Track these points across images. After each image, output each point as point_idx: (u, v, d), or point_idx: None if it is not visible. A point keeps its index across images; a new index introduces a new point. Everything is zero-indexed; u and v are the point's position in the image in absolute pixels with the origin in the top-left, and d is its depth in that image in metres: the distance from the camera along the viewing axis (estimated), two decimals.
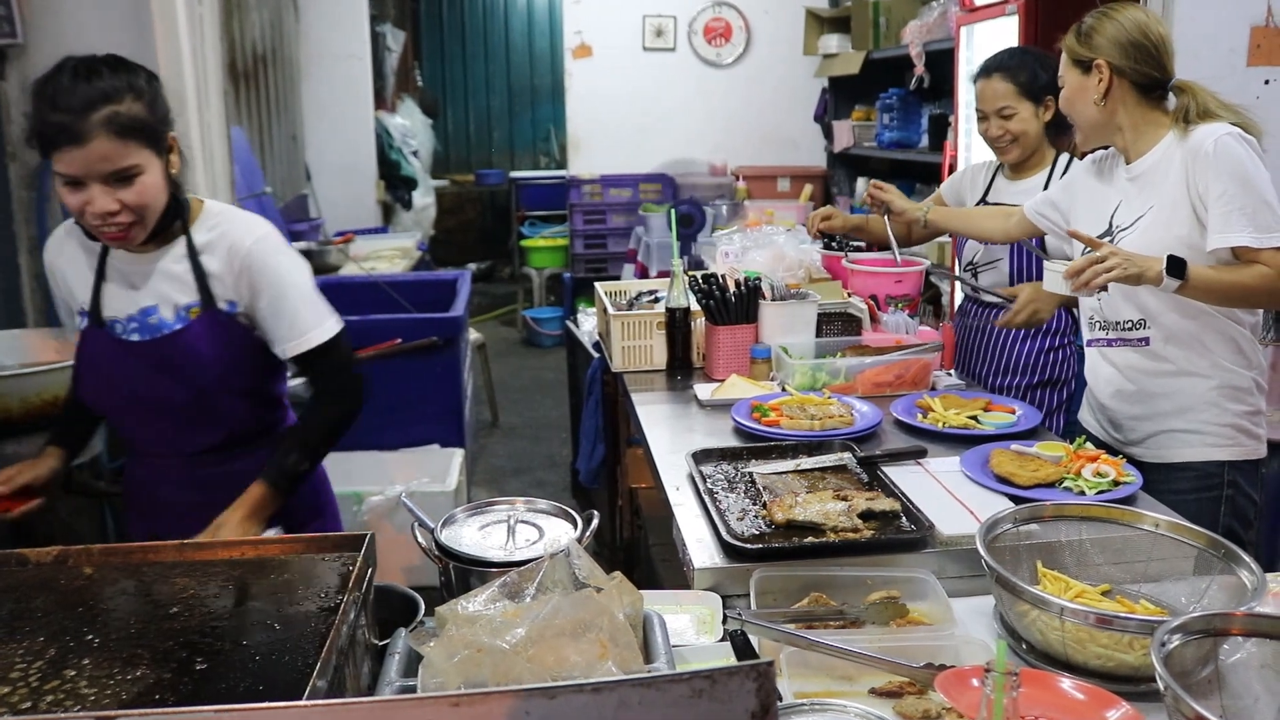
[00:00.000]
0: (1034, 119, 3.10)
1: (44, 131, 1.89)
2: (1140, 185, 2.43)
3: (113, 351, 2.13)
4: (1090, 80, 2.41)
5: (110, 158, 1.88)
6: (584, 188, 8.12)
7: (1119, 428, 2.54)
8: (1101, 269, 2.16)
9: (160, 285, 2.12)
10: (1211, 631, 1.35)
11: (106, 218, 1.92)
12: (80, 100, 1.86)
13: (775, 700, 0.87)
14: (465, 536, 1.67)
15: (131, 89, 1.92)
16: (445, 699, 0.82)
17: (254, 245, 2.12)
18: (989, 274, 3.25)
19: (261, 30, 5.77)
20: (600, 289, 3.52)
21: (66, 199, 1.93)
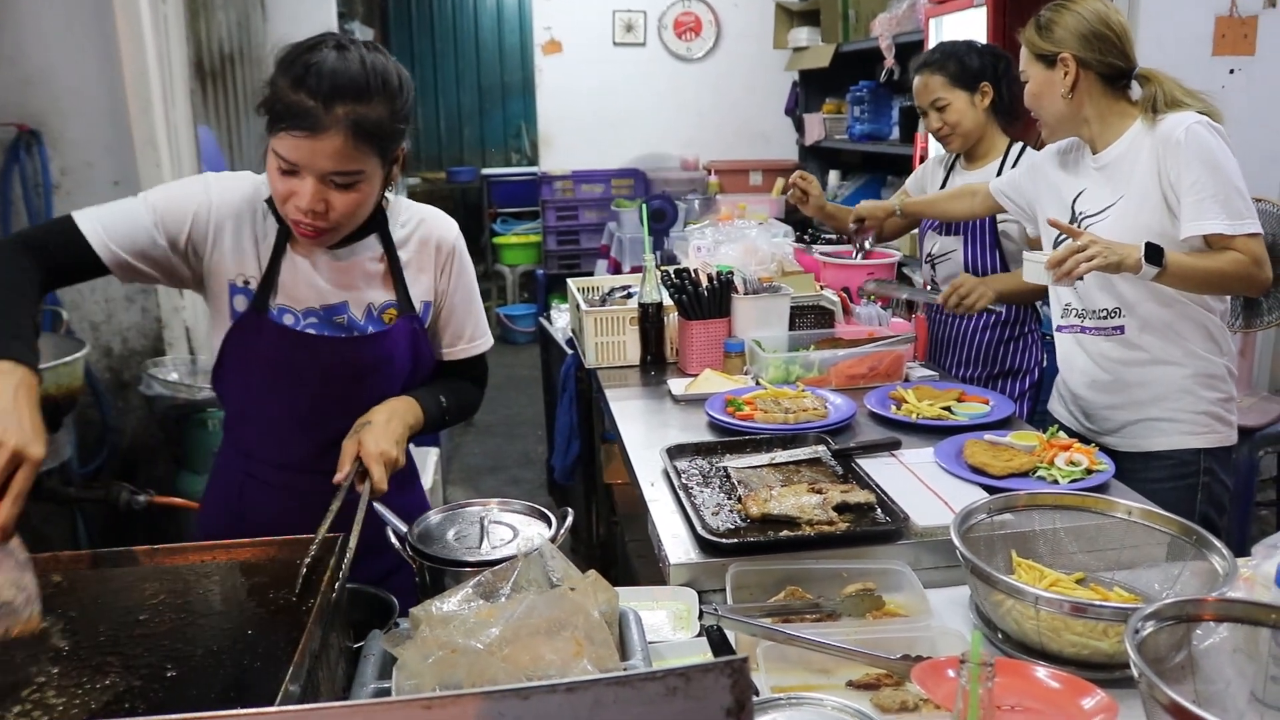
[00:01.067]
0: (970, 107, 3.13)
1: (279, 107, 1.70)
2: (1108, 175, 2.44)
3: (284, 341, 1.90)
4: (1055, 74, 2.41)
5: (339, 158, 1.71)
6: (556, 184, 8.10)
7: (1092, 418, 2.55)
8: (1083, 258, 2.17)
9: (352, 282, 1.94)
10: (1184, 618, 1.35)
11: (310, 214, 1.75)
12: (330, 88, 1.68)
13: (750, 696, 0.86)
14: (439, 537, 1.66)
15: (385, 90, 1.75)
16: (418, 701, 0.81)
17: (456, 240, 2.06)
18: (945, 265, 3.26)
19: (228, 29, 5.71)
20: (573, 285, 3.51)
21: (274, 179, 1.76)
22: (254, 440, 2.00)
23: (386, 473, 1.76)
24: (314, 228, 1.77)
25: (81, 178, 3.76)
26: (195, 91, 4.44)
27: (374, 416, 1.86)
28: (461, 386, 2.13)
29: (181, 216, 1.84)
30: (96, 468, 3.79)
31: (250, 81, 6.22)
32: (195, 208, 1.85)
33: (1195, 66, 4.01)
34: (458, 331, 2.09)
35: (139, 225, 1.81)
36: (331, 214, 1.76)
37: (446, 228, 2.05)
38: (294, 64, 1.70)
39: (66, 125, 3.76)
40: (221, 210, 1.87)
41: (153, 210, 1.82)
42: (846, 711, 1.27)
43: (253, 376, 1.93)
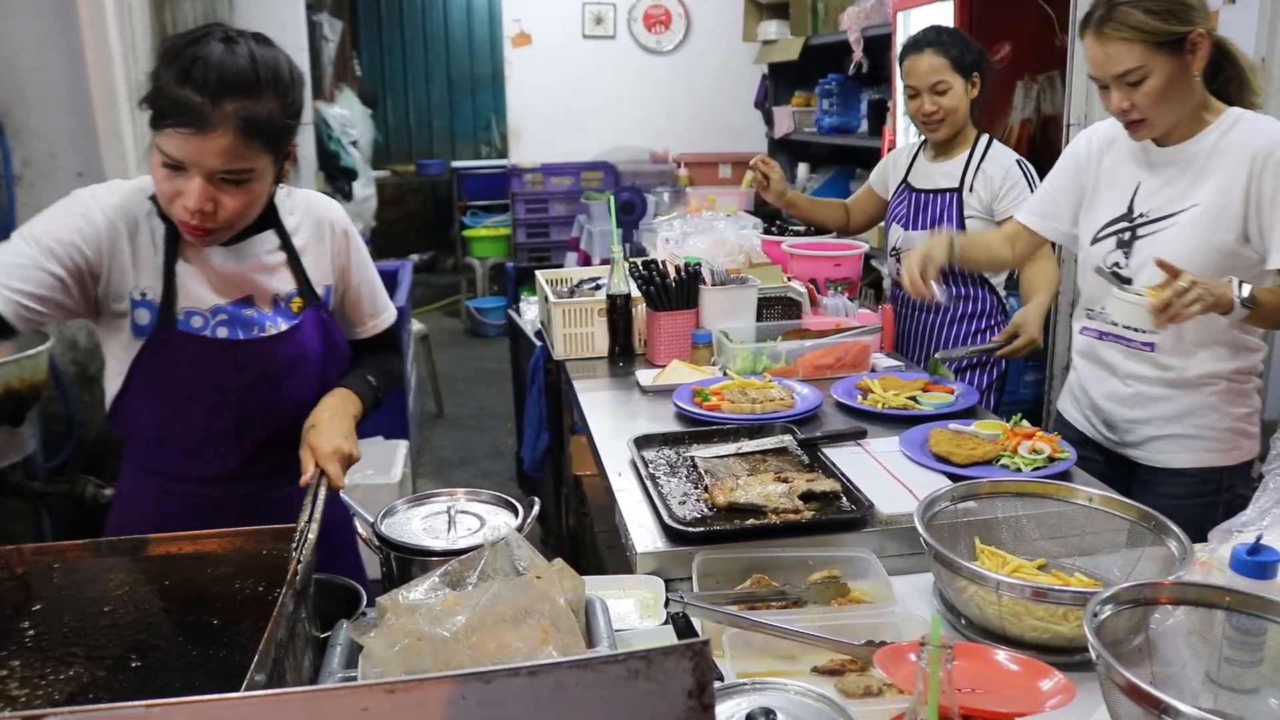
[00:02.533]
0: (964, 95, 3.11)
1: (163, 102, 1.63)
2: (1178, 173, 2.22)
3: (200, 352, 1.84)
4: (1183, 59, 2.10)
5: (228, 156, 1.65)
6: (525, 176, 8.09)
7: (1114, 428, 2.41)
8: (1188, 300, 1.95)
9: (253, 276, 1.89)
10: (1141, 601, 1.38)
11: (198, 215, 1.68)
12: (217, 82, 1.61)
13: (712, 679, 0.87)
14: (406, 527, 1.67)
15: (276, 84, 1.69)
16: (381, 686, 0.82)
17: (346, 221, 2.03)
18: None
19: (195, 19, 5.66)
20: (541, 277, 3.50)
21: (159, 178, 1.68)
22: (171, 462, 1.93)
23: (343, 468, 1.77)
24: (202, 228, 1.72)
25: (45, 169, 3.72)
26: None
27: (318, 418, 1.85)
28: (382, 359, 2.14)
29: (74, 244, 1.74)
30: (62, 461, 3.76)
31: None
32: (84, 232, 1.76)
33: None
34: (366, 310, 2.10)
35: (31, 266, 1.70)
36: (220, 213, 1.71)
37: (333, 209, 2.03)
38: (179, 57, 1.64)
39: (29, 116, 3.72)
40: (110, 224, 1.78)
41: (37, 243, 1.72)
42: (810, 696, 1.28)
43: (168, 395, 1.86)
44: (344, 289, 2.04)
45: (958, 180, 3.19)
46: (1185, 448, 2.31)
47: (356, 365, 2.06)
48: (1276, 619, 1.34)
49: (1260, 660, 1.36)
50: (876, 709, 1.38)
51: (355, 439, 1.86)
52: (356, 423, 1.92)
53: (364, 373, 2.02)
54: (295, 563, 1.40)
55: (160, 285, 1.82)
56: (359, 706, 0.82)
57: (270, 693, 0.82)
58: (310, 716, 0.82)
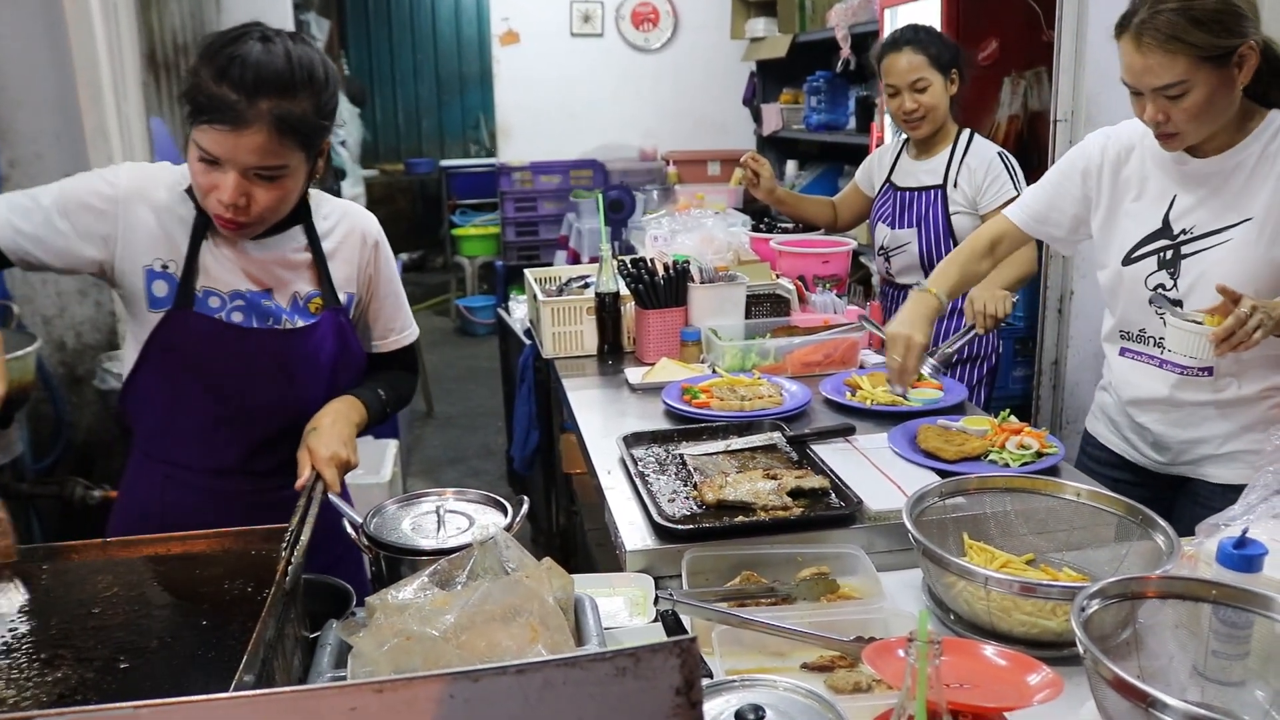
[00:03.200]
0: (944, 92, 3.14)
1: (201, 99, 1.67)
2: (1221, 186, 2.09)
3: (213, 334, 1.87)
4: (1229, 72, 1.95)
5: (262, 152, 1.70)
6: (514, 175, 8.08)
7: (1165, 450, 2.28)
8: (1250, 329, 1.85)
9: (275, 270, 1.93)
10: (1128, 595, 1.38)
11: (231, 208, 1.74)
12: (254, 81, 1.66)
13: (700, 676, 0.88)
14: (395, 527, 1.67)
15: (310, 84, 1.73)
16: (369, 686, 0.82)
17: (379, 234, 2.06)
18: (900, 257, 3.29)
19: (182, 20, 5.65)
20: (530, 275, 3.51)
21: (195, 171, 1.74)
22: (178, 448, 1.96)
23: (340, 474, 1.80)
24: (235, 221, 1.76)
25: (32, 169, 3.71)
26: (148, 83, 4.40)
27: (320, 422, 1.88)
28: (396, 377, 2.15)
29: (87, 203, 1.81)
30: (52, 463, 3.75)
31: None
32: (104, 194, 1.82)
33: None
34: (387, 325, 2.12)
35: (38, 207, 1.79)
36: (254, 208, 1.76)
37: (369, 221, 2.07)
38: (217, 55, 1.68)
39: (15, 116, 3.71)
40: (131, 194, 1.84)
41: (60, 196, 1.80)
42: (799, 692, 1.29)
43: (179, 376, 1.89)
44: (368, 301, 2.07)
45: (941, 177, 3.21)
46: (1246, 463, 2.14)
47: (370, 377, 2.09)
48: (1262, 612, 1.35)
49: (1247, 653, 1.37)
50: (866, 705, 1.38)
51: (355, 446, 1.88)
52: (359, 431, 1.94)
53: (375, 385, 2.06)
54: (285, 562, 1.40)
55: (182, 261, 1.86)
56: (348, 706, 0.82)
57: (259, 693, 0.83)
58: (299, 716, 0.82)
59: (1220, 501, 2.03)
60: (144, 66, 4.25)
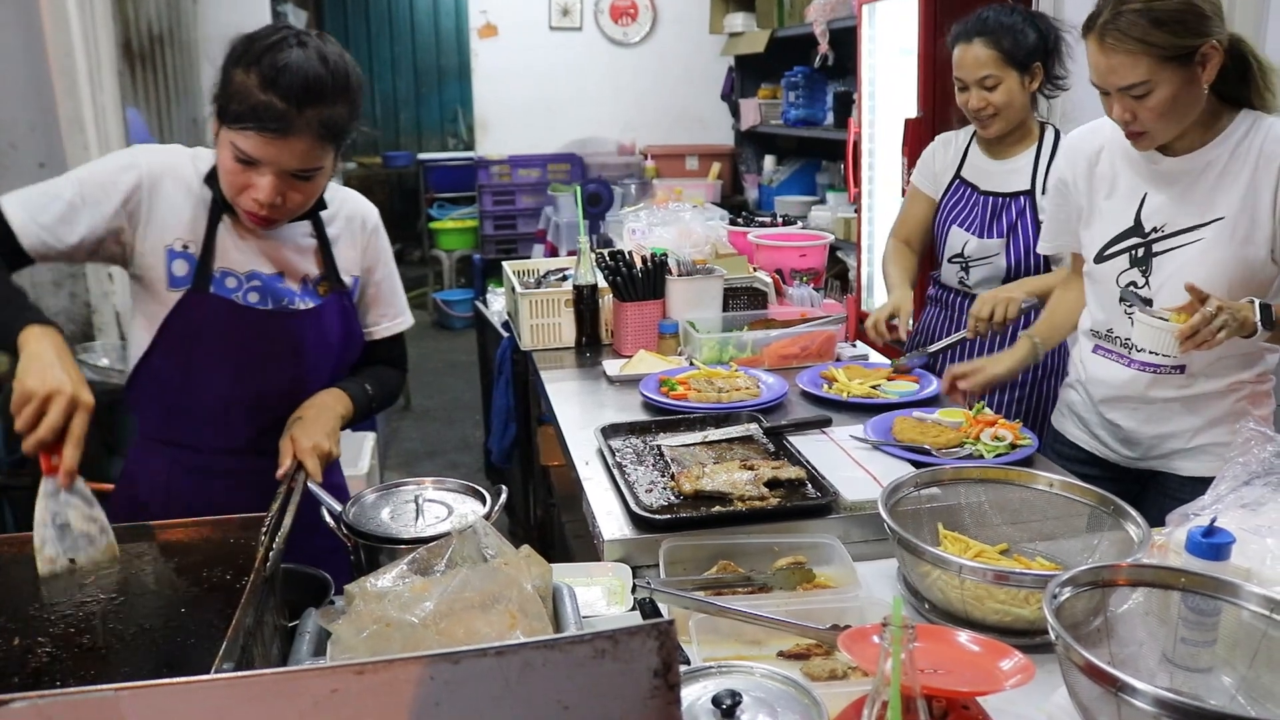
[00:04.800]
0: (1020, 89, 2.77)
1: (243, 105, 1.69)
2: (1191, 185, 2.10)
3: (230, 316, 1.89)
4: (1193, 71, 1.96)
5: (304, 157, 1.74)
6: (492, 169, 8.07)
7: (1135, 445, 2.29)
8: (1215, 328, 1.88)
9: (286, 254, 1.96)
10: (1100, 583, 1.40)
11: (263, 205, 1.76)
12: (301, 90, 1.68)
13: (677, 658, 0.89)
14: (374, 516, 1.67)
15: (348, 89, 1.76)
16: (350, 668, 0.83)
17: (377, 220, 2.10)
18: (982, 268, 2.93)
19: (158, 10, 5.62)
20: (508, 268, 3.51)
21: (228, 169, 1.76)
22: (188, 430, 1.96)
23: (321, 465, 1.81)
24: (268, 219, 1.80)
25: (6, 160, 3.68)
26: (124, 73, 4.37)
27: (305, 412, 1.90)
28: (384, 373, 2.17)
29: (110, 187, 1.82)
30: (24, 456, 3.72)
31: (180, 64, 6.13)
32: (127, 176, 1.83)
33: None
34: (382, 310, 2.15)
35: (59, 200, 1.78)
36: (288, 205, 1.80)
37: (368, 207, 2.11)
38: (259, 61, 1.70)
39: None
40: (154, 177, 1.85)
41: (80, 185, 1.80)
42: (775, 679, 1.30)
43: (194, 359, 1.90)
44: (366, 284, 2.10)
45: (1028, 181, 2.86)
46: (1214, 455, 2.16)
47: (358, 372, 2.11)
48: (1230, 599, 1.37)
49: (1214, 640, 1.39)
50: (841, 691, 1.40)
51: (338, 438, 1.90)
52: (343, 424, 1.97)
53: (363, 380, 2.07)
54: (265, 550, 1.40)
55: (201, 241, 1.88)
56: (329, 688, 0.83)
57: (240, 675, 0.83)
58: (280, 698, 0.83)
59: (1189, 494, 2.01)
60: (120, 56, 4.22)
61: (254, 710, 0.83)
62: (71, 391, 1.48)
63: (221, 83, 1.74)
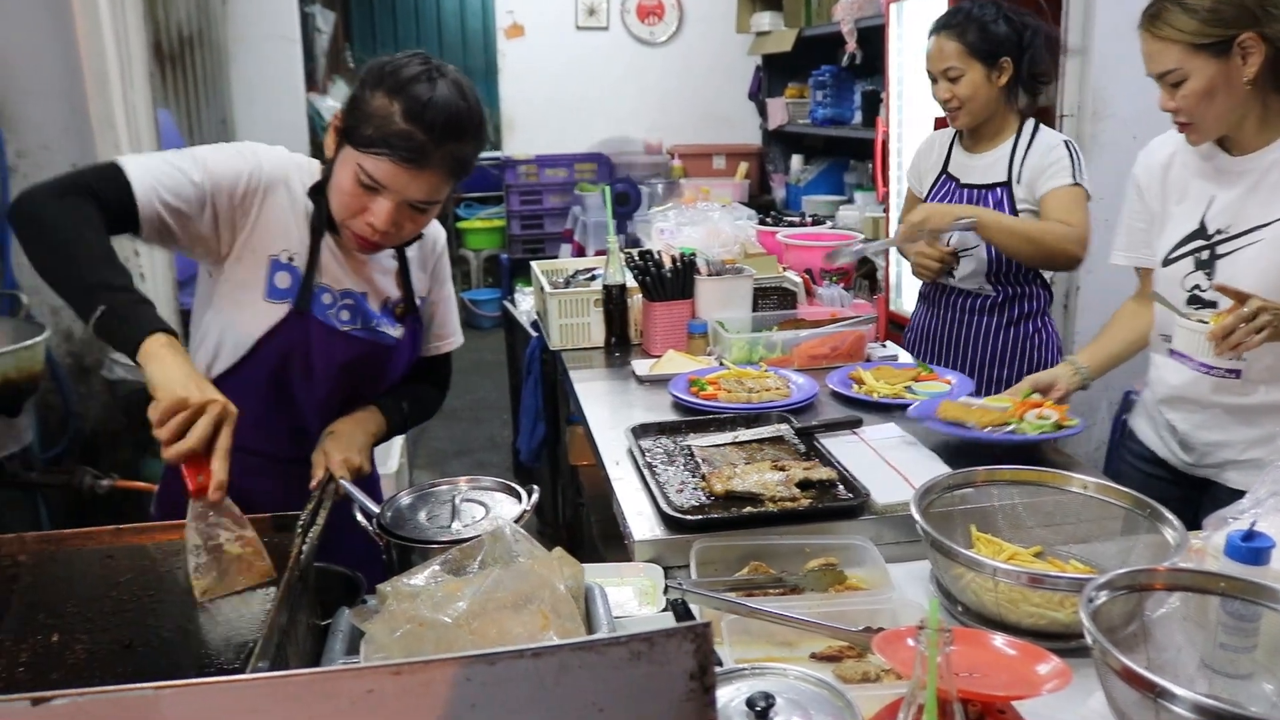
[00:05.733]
0: (985, 82, 2.84)
1: (381, 132, 1.69)
2: (1257, 184, 2.09)
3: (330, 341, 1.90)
4: (1232, 63, 1.98)
5: (431, 190, 1.75)
6: (519, 168, 8.08)
7: (1190, 450, 2.28)
8: (1252, 328, 1.87)
9: (373, 275, 1.98)
10: (1136, 587, 1.39)
11: (377, 231, 1.77)
12: (444, 127, 1.70)
13: (713, 661, 0.88)
14: (409, 517, 1.67)
15: (480, 128, 1.78)
16: (386, 668, 0.83)
17: (443, 240, 2.13)
18: (967, 260, 2.98)
19: (188, 11, 5.67)
20: (537, 268, 3.51)
21: (348, 189, 1.75)
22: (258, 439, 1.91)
23: (351, 478, 1.82)
24: (377, 245, 1.81)
25: (38, 160, 3.71)
26: (154, 75, 4.40)
27: (339, 427, 1.92)
28: (424, 392, 2.19)
29: (233, 182, 1.80)
30: (59, 453, 3.76)
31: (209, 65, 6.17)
32: (248, 176, 1.82)
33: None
34: (438, 329, 2.17)
35: (187, 182, 1.75)
36: (400, 233, 1.80)
37: (438, 227, 2.12)
38: (404, 91, 1.70)
39: (23, 107, 3.71)
40: (271, 180, 1.85)
41: (203, 169, 1.77)
42: (809, 681, 1.29)
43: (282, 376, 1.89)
44: (431, 303, 2.12)
45: (1005, 173, 2.92)
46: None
47: (398, 388, 2.11)
48: (1270, 604, 1.36)
49: (1254, 646, 1.37)
50: (874, 694, 1.39)
51: (369, 455, 1.94)
52: (375, 441, 1.99)
53: (400, 398, 2.08)
54: (298, 549, 1.41)
55: (305, 256, 1.88)
56: (365, 688, 0.83)
57: (277, 675, 0.83)
58: (317, 698, 0.83)
59: None
60: (151, 58, 4.25)
61: (291, 709, 0.83)
62: (221, 405, 1.47)
63: (355, 103, 1.74)
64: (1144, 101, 4.12)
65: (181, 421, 1.44)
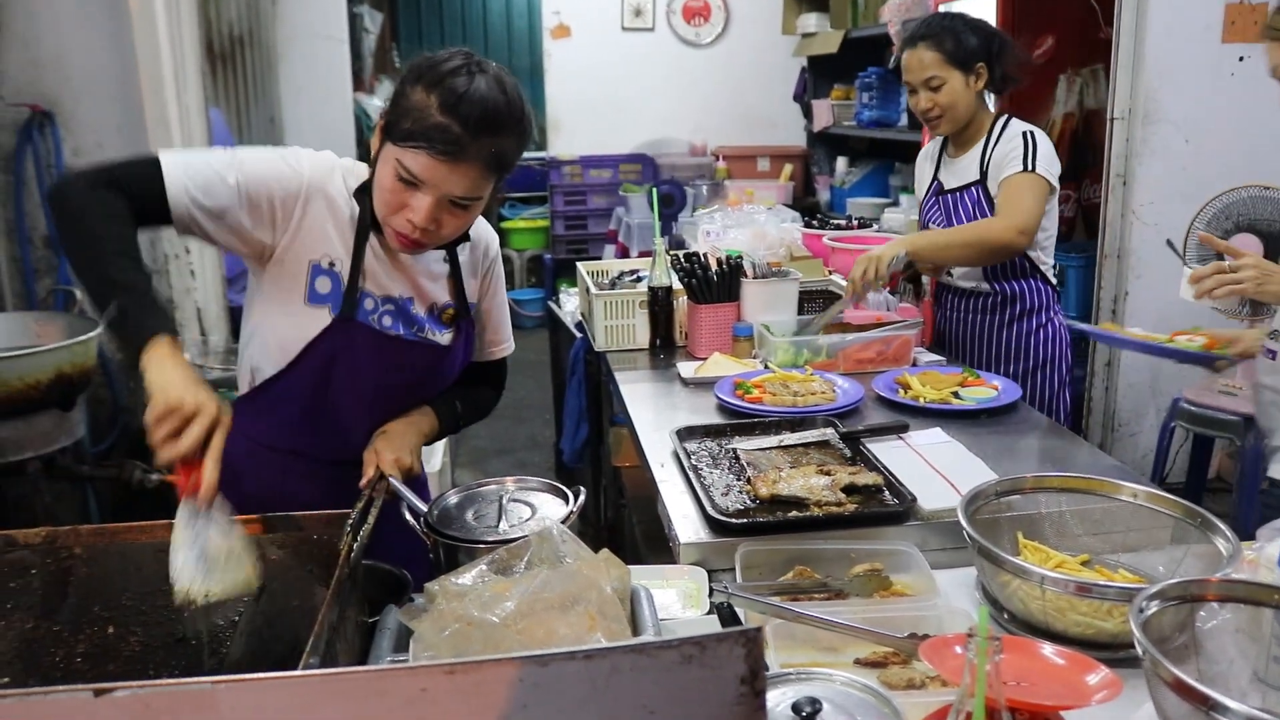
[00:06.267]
0: (965, 89, 2.93)
1: (419, 125, 1.68)
2: None
3: (376, 346, 1.90)
4: None
5: (470, 185, 1.73)
6: (564, 169, 8.11)
7: None
8: (1228, 279, 1.91)
9: (420, 280, 1.96)
10: (1188, 598, 1.37)
11: (417, 228, 1.75)
12: (479, 120, 1.68)
13: (764, 666, 0.88)
14: (456, 516, 1.69)
15: (521, 123, 1.76)
16: (440, 668, 0.84)
17: (497, 248, 2.12)
18: None
19: (238, 11, 5.74)
20: (583, 269, 3.53)
21: (388, 186, 1.75)
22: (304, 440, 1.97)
23: (402, 478, 1.83)
24: (418, 243, 1.79)
25: (94, 158, 3.75)
26: (205, 73, 4.46)
27: (391, 427, 1.94)
28: (479, 393, 2.20)
29: (271, 188, 1.80)
30: (108, 447, 3.82)
31: (259, 65, 6.24)
32: (289, 183, 1.82)
33: (1204, 54, 4.02)
34: (490, 337, 2.17)
35: (221, 184, 1.75)
36: (441, 231, 1.78)
37: (492, 234, 2.12)
38: (442, 84, 1.69)
39: (79, 106, 3.78)
40: (312, 187, 1.84)
41: (241, 171, 1.78)
42: (855, 686, 1.29)
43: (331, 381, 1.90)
44: (481, 311, 2.12)
45: (978, 171, 3.02)
46: None
47: (453, 389, 2.11)
48: None
49: None
50: (919, 701, 1.38)
51: (419, 455, 1.95)
52: (427, 441, 2.01)
53: (453, 398, 2.09)
54: (348, 547, 1.42)
55: (349, 260, 1.87)
56: (419, 687, 0.84)
57: (334, 671, 0.85)
58: (372, 695, 0.84)
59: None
60: (203, 57, 4.31)
61: (345, 706, 0.84)
62: (216, 410, 1.48)
63: (395, 99, 1.74)
64: (1196, 105, 4.11)
65: (174, 426, 1.45)
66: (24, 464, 3.05)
